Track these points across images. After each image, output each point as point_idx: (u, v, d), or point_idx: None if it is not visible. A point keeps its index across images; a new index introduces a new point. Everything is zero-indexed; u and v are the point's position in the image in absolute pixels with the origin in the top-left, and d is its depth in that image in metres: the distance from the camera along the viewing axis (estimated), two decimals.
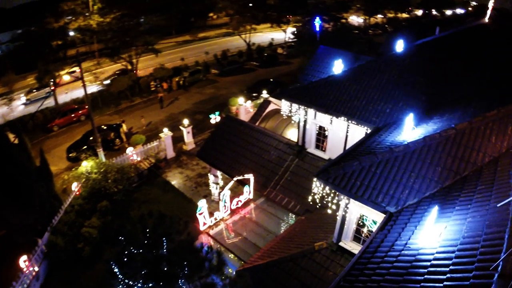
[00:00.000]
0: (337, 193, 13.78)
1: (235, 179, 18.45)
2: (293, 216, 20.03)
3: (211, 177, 25.38)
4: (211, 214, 18.45)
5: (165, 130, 32.27)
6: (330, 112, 18.64)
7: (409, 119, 14.81)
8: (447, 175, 12.65)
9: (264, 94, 39.41)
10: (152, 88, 48.31)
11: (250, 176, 19.60)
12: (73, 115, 42.00)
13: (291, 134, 26.33)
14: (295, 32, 76.92)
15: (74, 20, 49.10)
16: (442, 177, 12.61)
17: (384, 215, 12.32)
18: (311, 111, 20.08)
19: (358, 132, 19.12)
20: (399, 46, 23.34)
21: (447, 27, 36.14)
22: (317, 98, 19.27)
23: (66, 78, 32.07)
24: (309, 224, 18.14)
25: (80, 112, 42.59)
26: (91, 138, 33.87)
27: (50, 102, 44.33)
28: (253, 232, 18.53)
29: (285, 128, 26.87)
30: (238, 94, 44.67)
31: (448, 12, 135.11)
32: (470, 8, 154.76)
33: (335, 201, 14.74)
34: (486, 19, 26.82)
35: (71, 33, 50.68)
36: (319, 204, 18.84)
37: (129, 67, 50.46)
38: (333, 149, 20.44)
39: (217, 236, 18.15)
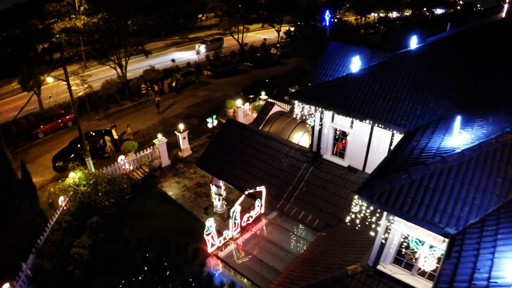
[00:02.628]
0: (380, 212, 11.57)
1: (246, 192, 16.12)
2: (303, 227, 17.82)
3: (213, 188, 23.03)
4: (219, 233, 16.11)
5: (159, 136, 29.81)
6: (353, 115, 16.45)
7: (457, 122, 12.65)
8: (509, 188, 10.59)
9: (263, 95, 37.37)
10: (143, 91, 45.86)
11: (262, 189, 17.29)
12: (59, 120, 39.32)
13: (298, 139, 24.12)
14: (290, 31, 75.36)
15: (59, 21, 46.82)
16: (504, 190, 10.59)
17: (443, 238, 10.19)
18: (328, 114, 17.88)
19: (383, 136, 17.02)
20: (412, 42, 21.44)
21: (455, 24, 34.50)
22: (336, 99, 17.08)
23: (50, 80, 29.48)
24: (332, 241, 15.90)
25: (67, 117, 40.00)
26: (78, 145, 31.29)
27: (34, 107, 41.69)
28: (269, 252, 16.21)
29: (292, 132, 24.62)
30: (234, 96, 42.81)
31: (438, 11, 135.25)
32: (458, 7, 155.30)
33: (365, 215, 12.56)
34: (503, 14, 25.03)
35: (57, 35, 48.07)
36: (349, 224, 16.65)
37: (118, 70, 48.03)
38: (354, 156, 18.29)
39: (227, 259, 15.79)
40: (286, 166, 19.31)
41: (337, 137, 18.59)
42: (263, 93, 37.77)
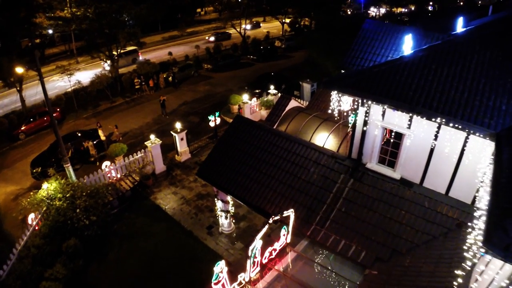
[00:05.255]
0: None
1: (270, 220, 11.52)
2: (344, 261, 13.25)
3: (218, 203, 18.47)
4: (231, 275, 11.49)
5: (152, 137, 25.10)
6: (418, 110, 11.91)
7: None
8: None
9: (272, 90, 32.95)
10: (136, 86, 41.31)
11: (290, 213, 12.68)
12: (45, 118, 34.86)
13: (322, 141, 19.57)
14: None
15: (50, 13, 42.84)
16: None
17: None
18: (377, 109, 13.34)
19: (453, 140, 12.51)
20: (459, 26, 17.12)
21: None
22: (392, 88, 12.56)
23: (20, 71, 25.12)
24: (390, 285, 11.36)
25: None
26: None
27: (19, 105, 37.40)
28: None
29: (315, 132, 20.07)
30: (237, 91, 38.76)
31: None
32: (461, 3, 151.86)
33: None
34: None
35: (47, 28, 44.06)
36: (409, 258, 12.13)
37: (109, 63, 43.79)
38: (409, 165, 13.76)
39: None
40: (317, 178, 14.74)
41: (386, 139, 14.06)
42: (271, 87, 33.33)
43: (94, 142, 28.87)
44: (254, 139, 17.06)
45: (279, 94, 33.31)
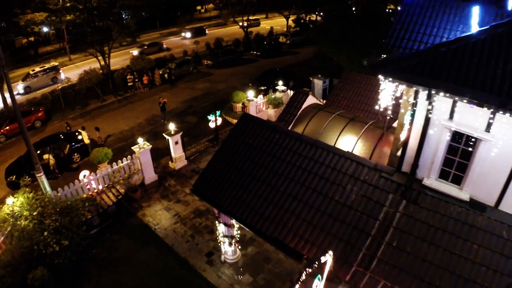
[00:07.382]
0: None
1: (303, 277, 7.67)
2: None
3: (220, 227, 14.69)
4: None
5: (140, 140, 21.17)
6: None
7: None
8: None
9: (280, 86, 29.34)
10: (129, 83, 37.74)
11: (328, 257, 8.93)
12: (29, 118, 31.59)
13: (350, 146, 15.88)
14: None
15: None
16: None
17: None
18: (444, 103, 9.57)
19: None
20: None
21: None
22: (469, 75, 8.81)
23: None
24: None
25: (33, 116, 32.15)
26: (38, 151, 23.09)
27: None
28: None
29: (340, 135, 16.33)
30: (240, 88, 35.40)
31: None
32: None
33: None
34: None
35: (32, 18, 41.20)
36: None
37: (101, 59, 40.36)
38: (482, 181, 10.00)
39: None
40: (356, 199, 10.94)
41: (453, 146, 10.25)
42: (280, 82, 29.68)
43: (78, 145, 25.24)
44: (267, 145, 13.31)
45: (288, 91, 29.80)
